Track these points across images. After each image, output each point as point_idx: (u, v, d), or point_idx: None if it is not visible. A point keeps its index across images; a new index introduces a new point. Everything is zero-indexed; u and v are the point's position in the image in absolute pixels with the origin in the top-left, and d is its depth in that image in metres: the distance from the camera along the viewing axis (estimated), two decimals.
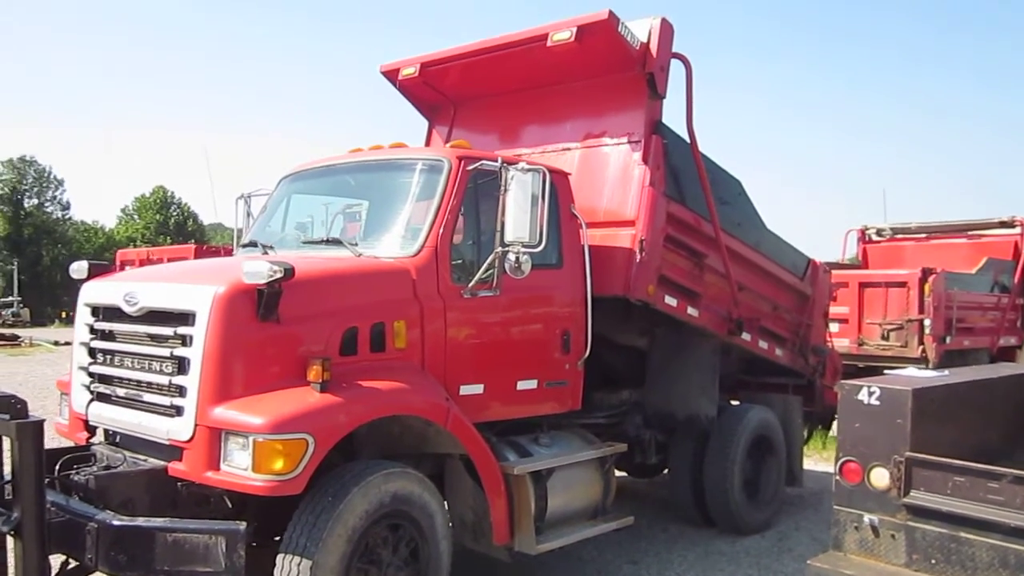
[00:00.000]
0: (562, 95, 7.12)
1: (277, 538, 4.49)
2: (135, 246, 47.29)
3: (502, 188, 5.14)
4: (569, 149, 7.03)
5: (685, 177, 6.91)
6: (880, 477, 4.51)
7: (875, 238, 14.44)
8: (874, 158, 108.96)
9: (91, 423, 5.23)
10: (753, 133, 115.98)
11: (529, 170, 5.09)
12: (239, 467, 4.29)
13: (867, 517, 4.55)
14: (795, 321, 8.44)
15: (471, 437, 5.15)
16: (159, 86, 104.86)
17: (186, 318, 4.59)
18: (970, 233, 13.66)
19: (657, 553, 7.00)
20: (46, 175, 64.05)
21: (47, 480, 4.67)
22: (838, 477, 4.68)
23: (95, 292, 5.30)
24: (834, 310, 10.95)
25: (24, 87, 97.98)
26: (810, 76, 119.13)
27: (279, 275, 4.37)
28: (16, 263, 57.35)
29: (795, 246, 8.52)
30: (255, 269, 4.40)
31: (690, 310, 6.93)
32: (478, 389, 5.40)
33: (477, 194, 5.49)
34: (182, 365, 4.59)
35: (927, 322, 10.51)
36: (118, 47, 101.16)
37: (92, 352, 5.23)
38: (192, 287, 4.73)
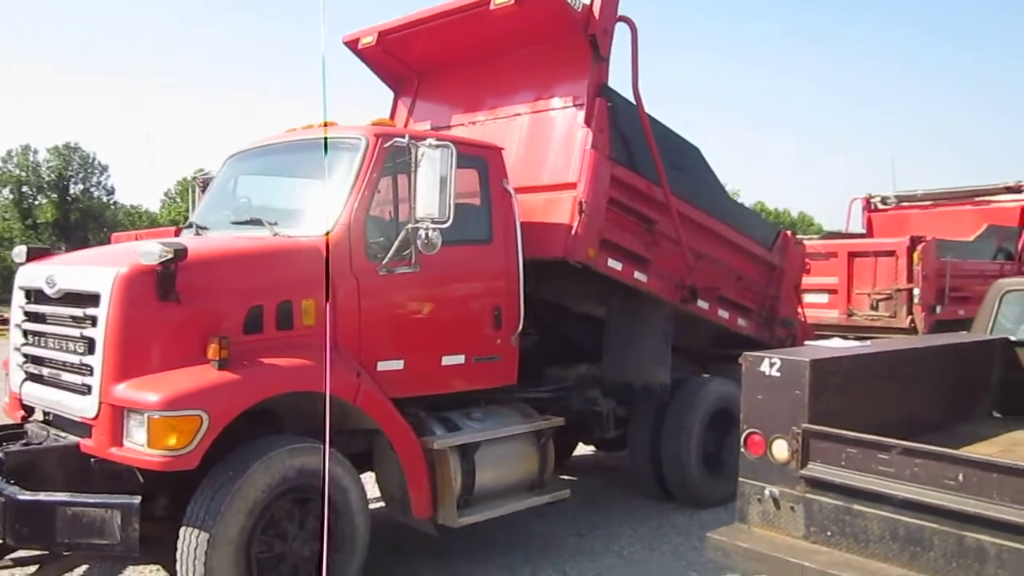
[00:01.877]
0: (513, 61, 7.16)
1: None
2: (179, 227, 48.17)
3: (412, 164, 5.15)
4: (519, 115, 7.10)
5: (635, 142, 6.89)
6: (781, 449, 4.48)
7: (880, 207, 14.13)
8: (883, 125, 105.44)
9: (24, 402, 5.41)
10: (761, 101, 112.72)
11: (438, 146, 5.09)
12: (137, 443, 4.41)
13: (768, 489, 4.53)
14: (762, 292, 8.33)
15: (384, 413, 5.21)
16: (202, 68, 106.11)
17: (94, 299, 4.71)
18: (976, 200, 13.29)
19: (607, 526, 7.02)
20: (91, 161, 65.43)
21: None
22: (743, 449, 4.66)
23: (26, 275, 5.44)
24: (823, 280, 10.84)
25: (66, 73, 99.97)
26: (816, 42, 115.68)
27: (169, 256, 4.47)
28: (63, 248, 58.71)
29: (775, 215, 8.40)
30: (147, 249, 4.50)
31: (637, 275, 6.91)
32: (397, 365, 5.44)
33: (396, 171, 5.52)
34: (91, 345, 4.71)
35: (916, 291, 10.28)
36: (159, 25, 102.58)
37: (25, 333, 5.39)
38: (98, 269, 4.84)
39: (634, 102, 6.83)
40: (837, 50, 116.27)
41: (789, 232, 8.87)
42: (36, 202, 63.77)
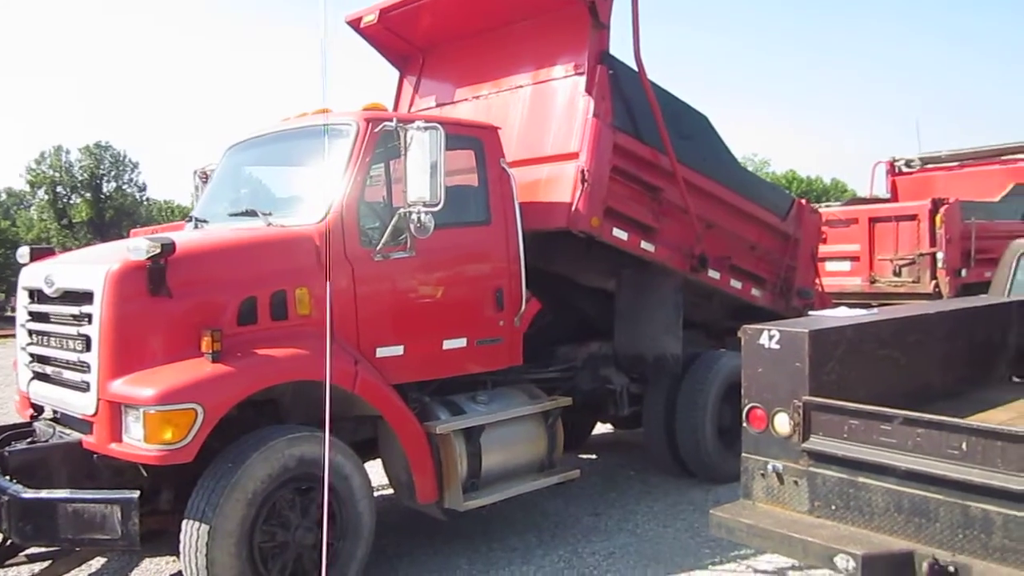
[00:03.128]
0: (515, 33, 7.11)
1: None
2: None
3: (402, 148, 5.10)
4: (522, 87, 7.02)
5: (638, 110, 6.80)
6: (782, 423, 4.39)
7: (904, 170, 13.79)
8: (912, 90, 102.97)
9: (33, 401, 5.46)
10: (789, 70, 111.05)
11: (426, 128, 5.02)
12: (135, 438, 4.43)
13: (771, 464, 4.44)
14: (777, 262, 8.19)
15: (384, 399, 5.18)
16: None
17: (88, 297, 4.73)
18: (1003, 159, 12.91)
19: (624, 505, 6.96)
20: (122, 159, 66.23)
21: None
22: (745, 424, 4.57)
23: (29, 276, 5.49)
24: (844, 248, 10.65)
25: (92, 73, 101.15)
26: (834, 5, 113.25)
27: (157, 251, 4.47)
28: None
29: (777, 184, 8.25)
30: (135, 245, 4.51)
31: (644, 244, 6.83)
32: (397, 351, 5.41)
33: (388, 156, 5.47)
34: (87, 342, 4.74)
35: (939, 255, 10.04)
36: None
37: (30, 333, 5.44)
38: (91, 267, 4.86)
39: (636, 69, 6.72)
40: (863, 17, 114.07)
41: (804, 200, 8.70)
42: (71, 202, 64.69)
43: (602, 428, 9.13)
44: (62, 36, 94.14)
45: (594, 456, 8.70)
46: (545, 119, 6.71)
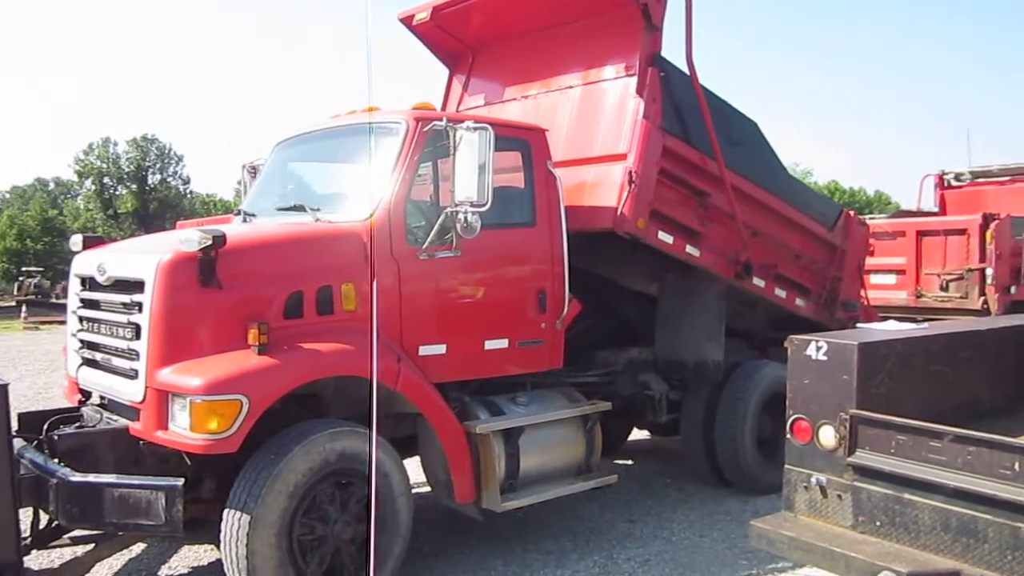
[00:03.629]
0: (566, 33, 7.12)
1: None
2: None
3: (451, 148, 5.11)
4: (571, 87, 7.03)
5: (688, 113, 6.78)
6: (828, 436, 4.33)
7: (954, 183, 13.51)
8: (949, 100, 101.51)
9: (81, 387, 5.56)
10: (836, 83, 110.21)
11: (476, 128, 5.03)
12: (181, 427, 4.50)
13: (815, 477, 4.38)
14: (822, 272, 8.08)
15: (425, 397, 5.20)
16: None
17: (139, 286, 4.81)
18: None
19: (660, 512, 6.92)
20: (167, 152, 67.40)
21: (35, 441, 5.06)
22: (789, 435, 4.52)
23: (81, 263, 5.59)
24: (890, 261, 10.48)
25: (144, 69, 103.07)
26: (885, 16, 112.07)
27: (208, 242, 4.53)
28: None
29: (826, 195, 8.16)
30: (187, 237, 4.57)
31: (689, 248, 6.79)
32: (440, 350, 5.43)
33: (436, 155, 5.50)
34: (137, 331, 4.81)
35: (989, 271, 9.85)
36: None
37: (80, 320, 5.54)
38: (143, 256, 4.94)
39: (688, 73, 6.68)
40: (907, 28, 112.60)
41: (852, 212, 8.59)
42: (116, 193, 65.92)
43: (639, 434, 9.07)
44: (114, 30, 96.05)
45: (630, 462, 8.66)
46: (594, 120, 6.71)
